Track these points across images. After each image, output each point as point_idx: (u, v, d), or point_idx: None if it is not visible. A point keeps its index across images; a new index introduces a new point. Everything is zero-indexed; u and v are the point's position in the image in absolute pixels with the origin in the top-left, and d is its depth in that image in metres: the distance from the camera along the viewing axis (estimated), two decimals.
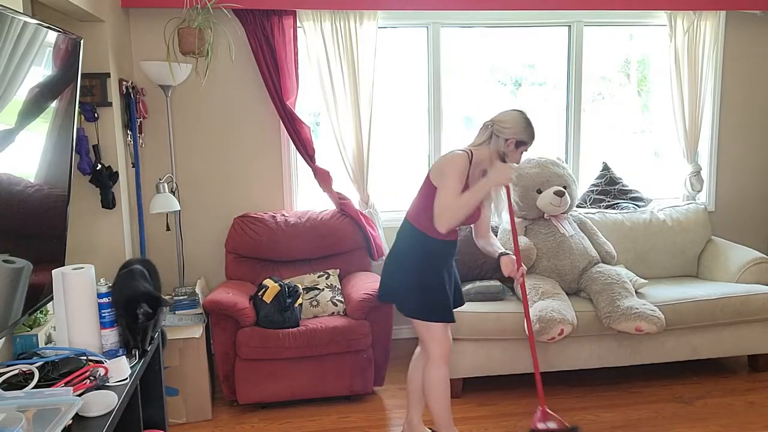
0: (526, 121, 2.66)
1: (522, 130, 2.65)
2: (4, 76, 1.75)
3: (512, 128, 2.63)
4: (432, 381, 2.74)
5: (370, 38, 3.87)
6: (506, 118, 2.66)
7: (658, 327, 3.24)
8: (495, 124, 2.66)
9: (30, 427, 1.51)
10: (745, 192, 4.55)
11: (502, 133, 2.64)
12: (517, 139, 2.64)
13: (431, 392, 2.75)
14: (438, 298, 2.69)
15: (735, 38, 4.34)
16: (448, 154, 2.67)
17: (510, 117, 2.66)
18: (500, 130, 2.64)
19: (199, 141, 3.96)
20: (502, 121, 2.65)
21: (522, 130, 2.65)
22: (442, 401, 2.76)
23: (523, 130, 2.65)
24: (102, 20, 3.25)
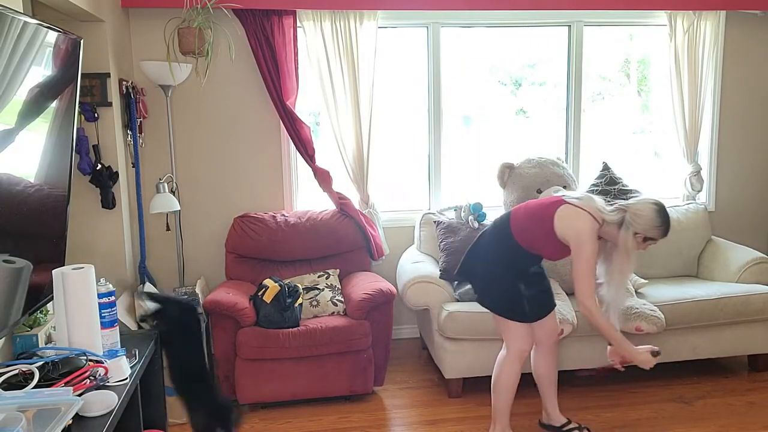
0: (660, 220, 2.62)
1: (653, 228, 2.62)
2: (4, 76, 1.75)
3: (645, 225, 2.61)
4: (503, 374, 2.85)
5: (370, 38, 3.87)
6: (642, 212, 2.62)
7: (658, 327, 3.25)
8: (629, 213, 2.63)
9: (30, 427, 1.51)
10: (745, 192, 4.55)
11: (632, 225, 2.62)
12: (646, 235, 2.63)
13: (498, 383, 2.87)
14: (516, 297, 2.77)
15: (735, 38, 4.34)
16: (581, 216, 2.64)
17: (646, 212, 2.62)
18: (632, 221, 2.62)
19: (199, 141, 3.96)
20: (637, 214, 2.62)
21: (653, 228, 2.62)
22: (506, 395, 2.87)
23: (655, 229, 2.62)
24: (102, 20, 3.25)
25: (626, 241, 2.62)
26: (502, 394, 2.87)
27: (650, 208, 2.62)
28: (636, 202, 2.68)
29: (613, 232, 2.67)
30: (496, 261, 2.81)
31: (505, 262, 2.79)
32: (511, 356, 2.83)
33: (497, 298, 2.82)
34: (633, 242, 2.63)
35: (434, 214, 3.97)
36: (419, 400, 3.44)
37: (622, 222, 2.64)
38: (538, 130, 4.41)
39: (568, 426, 3.00)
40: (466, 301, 3.45)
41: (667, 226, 2.64)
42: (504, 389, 2.86)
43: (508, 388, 2.86)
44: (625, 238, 2.62)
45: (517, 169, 3.79)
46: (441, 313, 3.37)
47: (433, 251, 3.86)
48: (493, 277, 2.83)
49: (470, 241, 3.65)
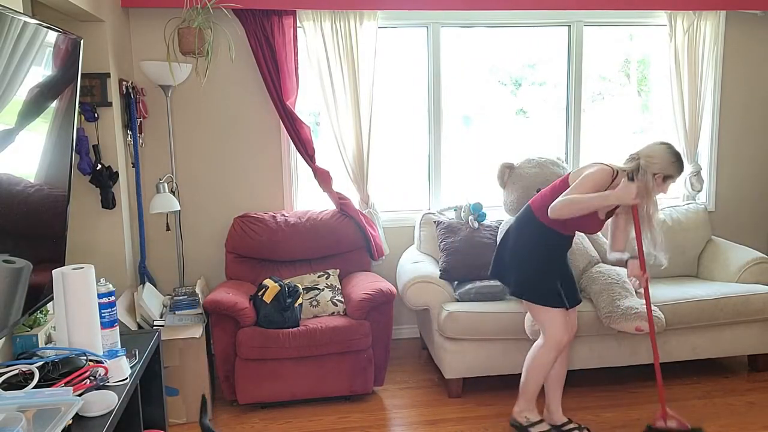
0: (674, 155, 2.71)
1: (669, 164, 2.70)
2: (4, 76, 1.75)
3: (660, 163, 2.69)
4: (537, 360, 2.90)
5: (370, 38, 3.87)
6: (654, 153, 2.71)
7: (659, 327, 3.24)
8: (642, 158, 2.71)
9: (30, 427, 1.51)
10: (745, 192, 4.55)
11: (649, 167, 2.69)
12: (664, 174, 2.69)
13: (532, 368, 2.92)
14: (550, 283, 2.82)
15: (735, 38, 4.34)
16: (596, 165, 2.76)
17: (658, 152, 2.71)
18: (648, 165, 2.69)
19: (199, 141, 3.96)
20: (650, 156, 2.70)
21: (669, 165, 2.70)
22: (536, 381, 2.92)
23: (671, 165, 2.70)
24: (102, 20, 3.25)
25: (646, 183, 2.69)
26: (532, 377, 2.92)
27: (661, 147, 2.72)
28: (645, 146, 2.76)
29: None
30: (525, 248, 2.88)
31: (533, 248, 2.85)
32: (548, 345, 2.87)
33: (532, 286, 2.86)
34: (653, 183, 2.69)
35: (434, 214, 3.97)
36: (419, 400, 3.44)
37: (638, 169, 2.70)
38: (538, 130, 4.41)
39: (569, 426, 3.00)
40: (466, 301, 3.45)
41: (681, 160, 2.73)
42: (536, 374, 2.91)
43: (540, 372, 2.91)
44: (644, 181, 2.69)
45: (517, 169, 3.79)
46: (441, 313, 3.37)
47: (433, 251, 3.86)
48: (524, 266, 2.87)
49: (470, 241, 3.66)
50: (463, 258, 3.60)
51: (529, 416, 2.98)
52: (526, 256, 2.88)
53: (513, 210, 3.77)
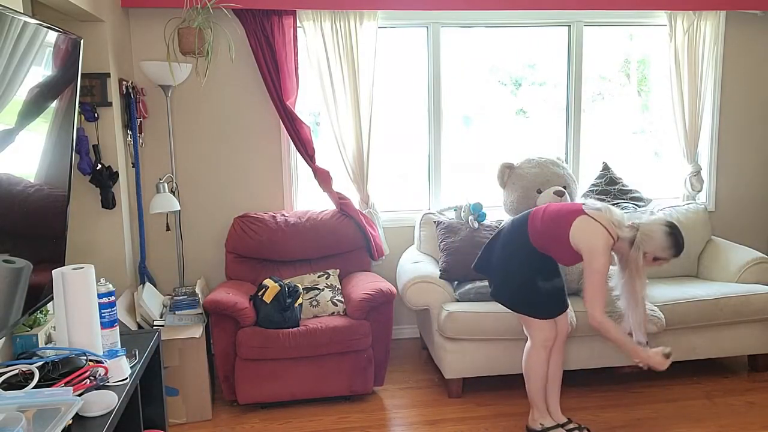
0: (670, 242, 2.62)
1: (663, 250, 2.63)
2: (4, 76, 1.75)
3: (654, 246, 2.62)
4: (529, 363, 2.93)
5: (370, 38, 3.87)
6: (653, 233, 2.62)
7: (658, 327, 3.25)
8: (640, 233, 2.63)
9: (30, 427, 1.51)
10: (745, 192, 4.55)
11: (643, 244, 2.62)
12: (656, 256, 2.64)
13: (528, 373, 2.94)
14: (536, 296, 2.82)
15: (735, 38, 4.34)
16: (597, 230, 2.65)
17: (657, 234, 2.62)
18: (643, 241, 2.62)
19: (199, 141, 3.96)
20: (648, 235, 2.62)
21: (663, 250, 2.63)
22: (537, 382, 2.94)
23: (664, 251, 2.63)
24: (102, 20, 3.25)
25: (636, 259, 2.64)
26: (532, 382, 2.95)
27: (661, 230, 2.63)
28: (648, 222, 2.68)
29: (625, 248, 2.69)
30: (511, 258, 2.86)
31: (520, 260, 2.84)
32: (536, 347, 2.89)
33: (515, 294, 2.86)
34: (642, 261, 2.64)
35: (434, 214, 3.97)
36: (419, 400, 3.44)
37: (633, 240, 2.64)
38: (538, 130, 4.41)
39: (569, 425, 3.00)
40: (466, 301, 3.45)
41: (678, 248, 2.64)
42: (534, 378, 2.93)
43: (537, 375, 2.92)
44: (635, 257, 2.64)
45: (517, 169, 3.79)
46: (441, 313, 3.37)
47: (433, 251, 3.86)
48: (509, 274, 2.87)
49: (470, 241, 3.66)
50: (463, 258, 3.60)
51: (544, 422, 2.99)
52: (514, 269, 2.86)
53: (513, 210, 3.77)
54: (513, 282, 2.87)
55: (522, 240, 2.84)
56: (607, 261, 2.65)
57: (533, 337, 2.91)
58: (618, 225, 2.68)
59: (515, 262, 2.86)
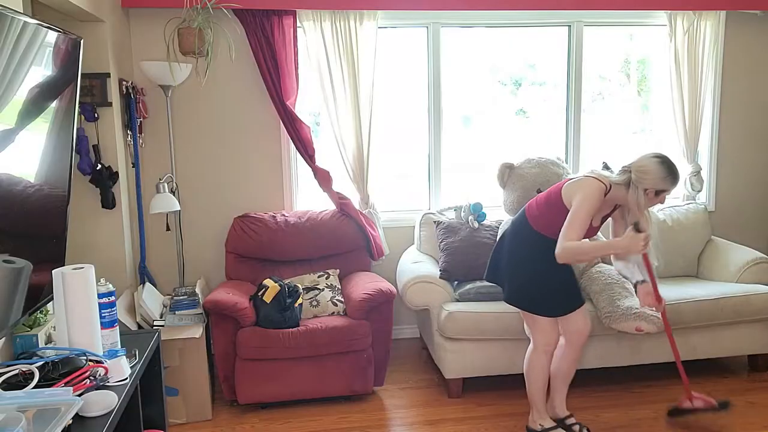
0: (667, 170, 2.61)
1: (661, 180, 2.61)
2: (4, 76, 1.75)
3: (652, 179, 2.61)
4: (530, 366, 2.93)
5: (370, 38, 3.87)
6: (646, 167, 2.61)
7: (658, 327, 3.24)
8: (633, 172, 2.63)
9: (30, 427, 1.51)
10: (745, 192, 4.55)
11: (641, 182, 2.61)
12: (656, 189, 2.62)
13: (528, 375, 2.95)
14: (542, 291, 2.80)
15: (735, 38, 4.34)
16: (587, 179, 2.66)
17: (650, 166, 2.61)
18: (639, 179, 2.61)
19: (199, 141, 3.96)
20: (642, 170, 2.61)
21: (661, 180, 2.61)
22: (537, 385, 2.94)
23: (663, 180, 2.61)
24: (102, 20, 3.25)
25: (637, 199, 2.63)
26: (533, 384, 2.95)
27: (653, 161, 2.62)
28: (638, 159, 2.67)
29: (622, 194, 2.67)
30: (518, 254, 2.85)
31: (527, 255, 2.82)
32: (537, 350, 2.89)
33: (524, 293, 2.85)
34: (645, 199, 2.63)
35: (434, 214, 3.97)
36: (419, 400, 3.44)
37: (629, 182, 2.64)
38: (538, 130, 4.41)
39: (570, 420, 3.01)
40: (466, 301, 3.45)
41: (675, 174, 2.63)
42: (535, 380, 2.93)
43: (538, 379, 2.92)
44: (635, 197, 2.63)
45: (517, 169, 3.79)
46: (441, 313, 3.37)
47: (433, 251, 3.86)
48: (516, 272, 2.86)
49: (470, 241, 3.66)
50: (463, 258, 3.60)
51: (543, 423, 2.98)
52: (520, 263, 2.85)
53: (513, 210, 3.77)
54: (521, 277, 2.84)
55: (525, 231, 2.82)
56: (595, 204, 2.61)
57: (535, 339, 2.90)
58: (607, 175, 2.69)
59: (522, 255, 2.83)
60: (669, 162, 2.65)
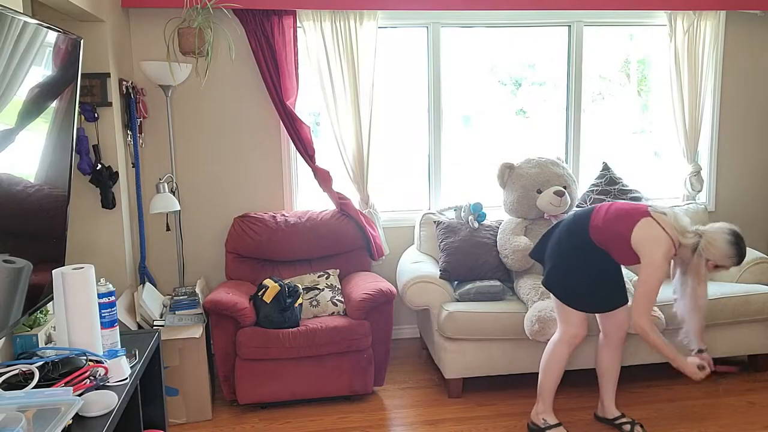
0: (733, 251, 2.62)
1: (725, 258, 2.62)
2: (4, 76, 1.75)
3: (717, 254, 2.62)
4: (551, 356, 2.92)
5: (370, 38, 3.87)
6: (716, 242, 2.62)
7: (659, 327, 3.25)
8: (703, 240, 2.63)
9: (30, 427, 1.51)
10: (745, 192, 4.55)
11: (706, 252, 2.62)
12: (717, 264, 2.64)
13: (546, 365, 2.94)
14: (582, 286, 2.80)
15: (735, 38, 4.34)
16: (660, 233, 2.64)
17: (720, 242, 2.61)
18: (706, 249, 2.62)
19: (199, 141, 3.96)
20: (712, 244, 2.62)
21: (725, 258, 2.63)
22: (551, 376, 2.93)
23: (727, 259, 2.63)
24: (102, 20, 3.25)
25: (698, 266, 2.64)
26: (548, 374, 2.94)
27: (724, 238, 2.62)
28: (712, 229, 2.67)
29: (687, 255, 2.69)
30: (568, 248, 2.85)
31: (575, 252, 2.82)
32: (562, 340, 2.88)
33: (560, 281, 2.84)
34: (704, 269, 2.65)
35: (434, 214, 3.97)
36: (419, 400, 3.44)
37: (696, 247, 2.64)
38: (538, 130, 4.41)
39: (621, 419, 3.02)
40: (466, 301, 3.45)
41: (741, 257, 2.64)
42: (550, 370, 2.92)
43: (554, 370, 2.92)
44: (697, 264, 2.64)
45: (517, 169, 3.79)
46: (441, 313, 3.37)
47: (433, 251, 3.86)
48: (561, 262, 2.85)
49: (470, 241, 3.66)
50: (463, 258, 3.60)
51: (547, 418, 2.98)
52: (567, 256, 2.85)
53: (513, 210, 3.77)
54: (563, 268, 2.84)
55: (581, 231, 2.81)
56: (665, 270, 2.64)
57: (562, 329, 2.89)
58: (681, 231, 2.67)
59: (571, 250, 2.84)
60: (740, 243, 2.64)
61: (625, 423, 3.03)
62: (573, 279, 2.82)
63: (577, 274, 2.82)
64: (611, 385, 3.06)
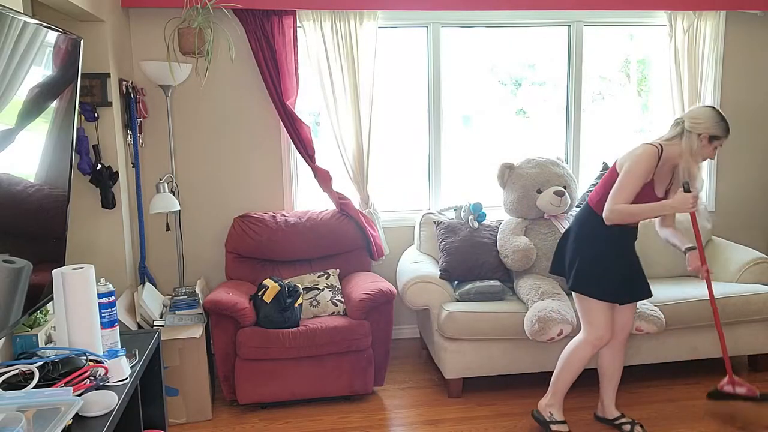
0: (719, 116, 2.68)
1: (715, 124, 2.66)
2: (4, 76, 1.75)
3: (705, 123, 2.66)
4: (573, 355, 2.89)
5: (370, 38, 3.87)
6: (698, 114, 2.68)
7: (658, 327, 3.25)
8: (686, 120, 2.69)
9: (30, 427, 1.51)
10: (745, 192, 4.55)
11: (694, 128, 2.66)
12: (710, 134, 2.66)
13: (567, 362, 2.91)
14: (603, 276, 2.78)
15: (735, 38, 4.34)
16: (640, 147, 2.71)
17: (702, 113, 2.68)
18: (693, 126, 2.67)
19: (199, 141, 3.96)
20: (695, 118, 2.68)
21: (715, 125, 2.66)
22: (568, 375, 2.92)
23: (716, 125, 2.67)
24: (102, 20, 3.25)
25: (691, 145, 2.66)
26: (566, 371, 2.92)
27: (705, 109, 2.71)
28: (688, 111, 2.75)
29: (677, 151, 2.70)
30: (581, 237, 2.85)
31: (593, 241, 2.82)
32: (587, 340, 2.86)
33: (583, 277, 2.81)
34: (698, 145, 2.66)
35: (434, 214, 3.97)
36: (419, 400, 3.44)
37: (682, 133, 2.68)
38: (538, 130, 4.41)
39: (621, 420, 3.03)
40: (466, 301, 3.45)
41: (725, 120, 2.69)
42: (569, 368, 2.91)
43: (573, 367, 2.90)
44: (689, 143, 2.66)
45: (517, 169, 3.79)
46: (441, 313, 3.37)
47: (433, 251, 3.86)
48: (578, 254, 2.84)
49: (470, 241, 3.66)
50: (463, 258, 3.60)
51: (554, 413, 2.99)
52: (582, 245, 2.85)
53: (513, 210, 3.77)
54: (580, 260, 2.82)
55: (587, 215, 2.83)
56: (644, 167, 2.65)
57: (587, 330, 2.86)
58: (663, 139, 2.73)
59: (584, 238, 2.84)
60: (720, 110, 2.71)
61: (625, 423, 3.03)
62: (598, 266, 2.79)
63: (599, 260, 2.79)
64: (612, 386, 3.06)
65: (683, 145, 2.68)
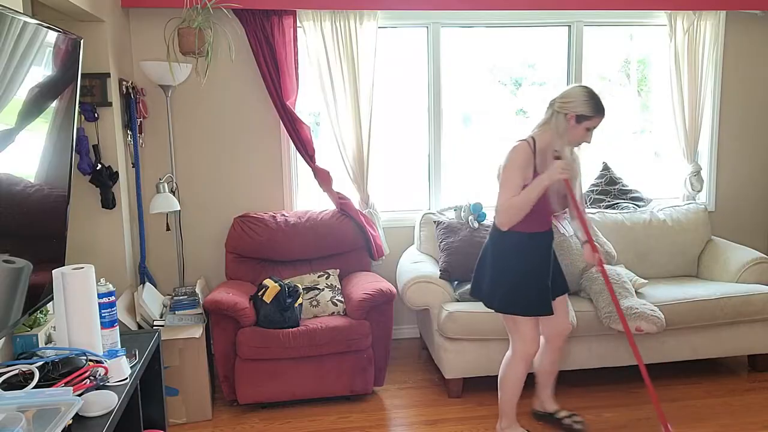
0: (587, 94, 2.54)
1: (582, 103, 2.54)
2: (4, 76, 1.75)
3: (572, 102, 2.54)
4: (507, 375, 2.83)
5: (370, 38, 3.87)
6: (567, 93, 2.57)
7: (658, 327, 3.25)
8: (557, 101, 2.58)
9: (30, 427, 1.51)
10: (745, 192, 4.55)
11: (562, 108, 2.56)
12: (576, 114, 2.54)
13: (503, 383, 2.86)
14: (521, 290, 2.69)
15: (735, 38, 4.34)
16: (510, 147, 2.63)
17: (571, 92, 2.56)
18: (561, 106, 2.57)
19: (199, 141, 3.96)
20: (564, 97, 2.57)
21: (582, 104, 2.54)
22: (511, 393, 2.85)
23: (583, 104, 2.54)
24: (102, 20, 3.25)
25: (557, 126, 2.56)
26: (507, 392, 2.88)
27: (575, 87, 2.60)
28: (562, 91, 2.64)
29: (548, 136, 2.62)
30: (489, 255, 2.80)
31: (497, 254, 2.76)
32: (516, 358, 2.81)
33: (501, 294, 2.74)
34: (565, 126, 2.56)
35: (434, 214, 3.97)
36: (419, 400, 3.44)
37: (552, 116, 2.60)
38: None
39: (560, 413, 3.02)
40: (466, 301, 3.45)
41: (597, 100, 2.56)
42: (509, 388, 2.87)
43: (513, 387, 2.86)
44: (556, 124, 2.56)
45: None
46: (441, 313, 3.37)
47: (433, 251, 3.86)
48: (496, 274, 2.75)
49: (470, 241, 3.66)
50: (463, 258, 3.60)
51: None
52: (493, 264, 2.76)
53: None
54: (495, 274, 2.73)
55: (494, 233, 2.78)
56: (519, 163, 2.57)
57: (515, 347, 2.80)
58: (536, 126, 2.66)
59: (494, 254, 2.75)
60: (593, 90, 2.59)
61: (565, 417, 3.04)
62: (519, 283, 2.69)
63: (519, 276, 2.69)
64: (550, 383, 3.08)
65: (551, 126, 2.58)
